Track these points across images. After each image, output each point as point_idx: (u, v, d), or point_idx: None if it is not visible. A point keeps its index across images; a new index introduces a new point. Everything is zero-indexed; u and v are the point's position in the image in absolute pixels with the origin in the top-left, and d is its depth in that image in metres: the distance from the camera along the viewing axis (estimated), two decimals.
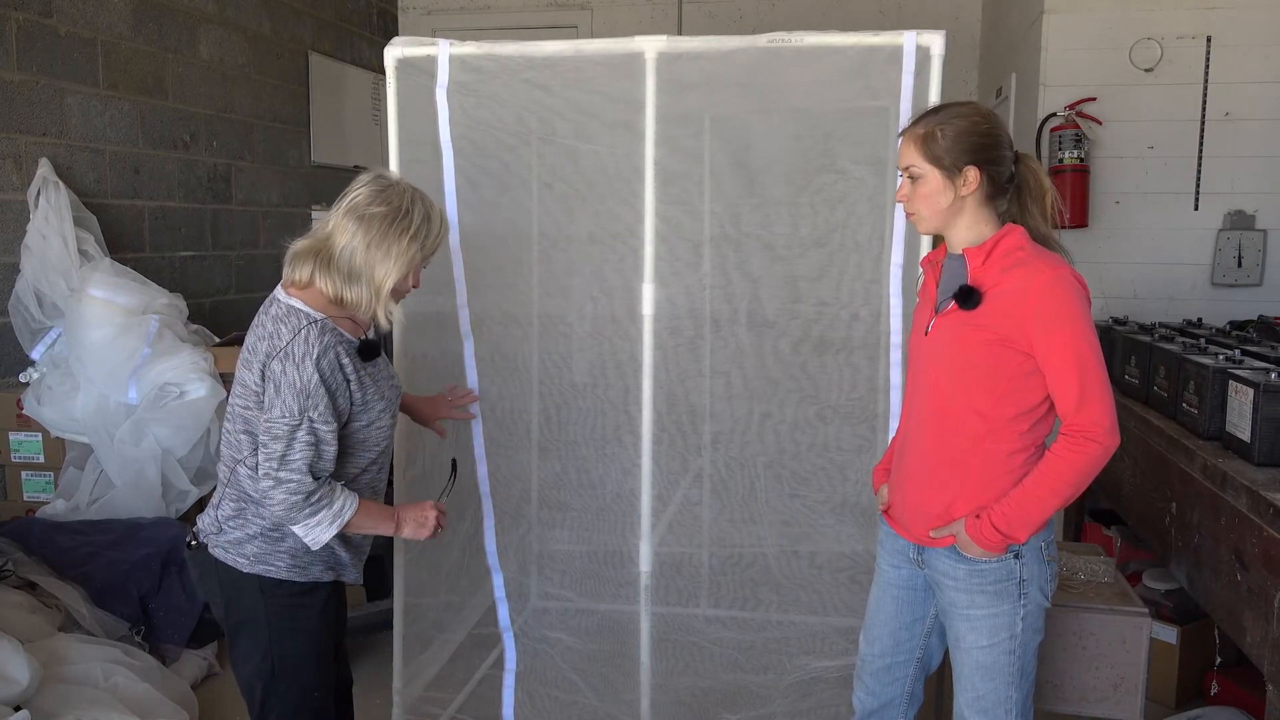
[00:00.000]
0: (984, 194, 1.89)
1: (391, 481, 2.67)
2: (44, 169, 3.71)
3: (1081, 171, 4.20)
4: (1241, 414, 2.44)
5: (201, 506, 2.95)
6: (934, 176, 1.89)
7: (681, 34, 4.45)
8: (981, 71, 5.89)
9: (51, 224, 3.63)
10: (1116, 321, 3.68)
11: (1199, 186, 4.24)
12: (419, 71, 2.51)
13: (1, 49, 3.55)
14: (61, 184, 3.70)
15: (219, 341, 3.89)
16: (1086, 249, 4.23)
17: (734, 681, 2.87)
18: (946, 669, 2.14)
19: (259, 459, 1.90)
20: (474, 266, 2.61)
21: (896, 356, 2.39)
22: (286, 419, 1.87)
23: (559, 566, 3.22)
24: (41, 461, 3.61)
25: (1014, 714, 1.97)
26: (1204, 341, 3.05)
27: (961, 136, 1.86)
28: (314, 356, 1.87)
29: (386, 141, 2.55)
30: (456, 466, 2.43)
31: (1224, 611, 2.35)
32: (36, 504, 3.58)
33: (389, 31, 6.31)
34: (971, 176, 1.87)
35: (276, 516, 1.93)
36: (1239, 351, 2.77)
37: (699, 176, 3.13)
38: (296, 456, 1.87)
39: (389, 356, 2.52)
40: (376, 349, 2.03)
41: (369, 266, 1.93)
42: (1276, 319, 3.63)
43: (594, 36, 4.06)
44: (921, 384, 1.99)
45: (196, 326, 3.96)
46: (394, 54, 2.49)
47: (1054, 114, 4.29)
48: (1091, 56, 4.26)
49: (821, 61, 2.36)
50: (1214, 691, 3.01)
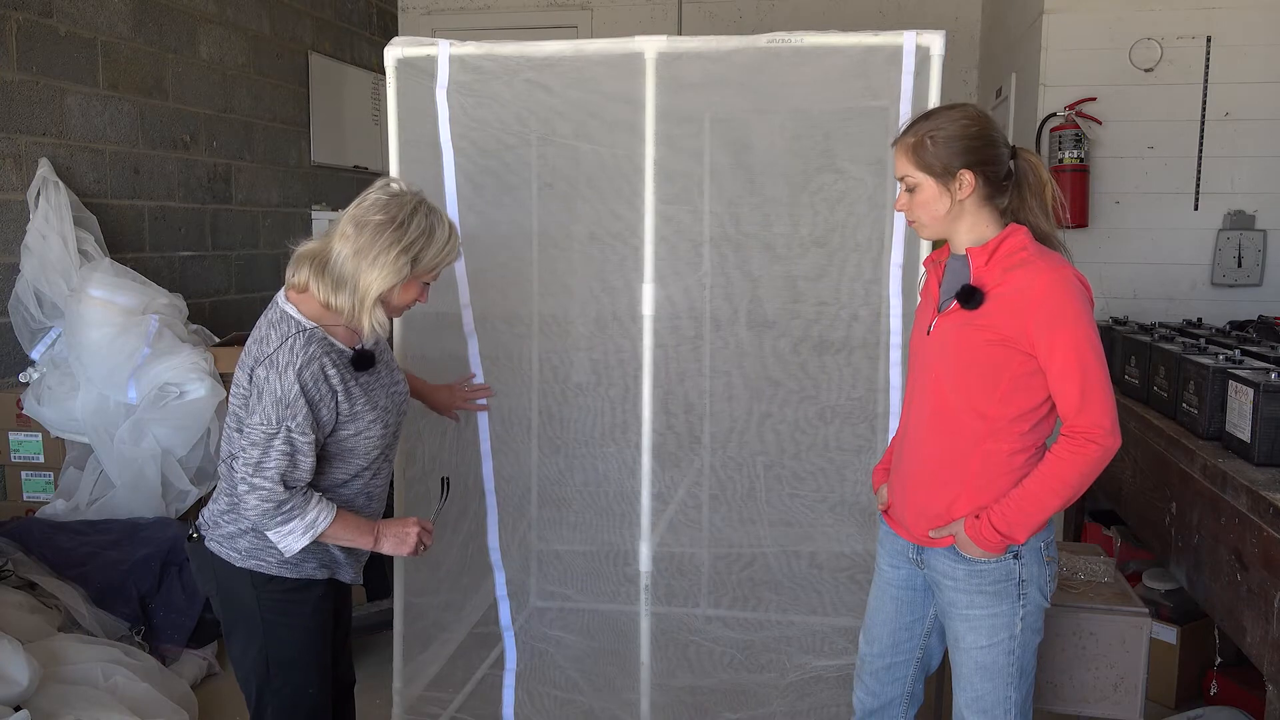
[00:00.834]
0: (982, 194, 1.89)
1: (392, 483, 2.68)
2: (44, 169, 3.71)
3: (1081, 171, 4.20)
4: (1241, 414, 2.44)
5: (202, 506, 2.95)
6: (929, 184, 1.89)
7: (681, 34, 4.45)
8: (981, 71, 5.89)
9: (51, 224, 3.63)
10: (1116, 321, 3.68)
11: (1199, 186, 4.24)
12: (419, 71, 2.51)
13: (1, 49, 3.55)
14: (61, 184, 3.70)
15: (219, 341, 3.89)
16: (1086, 249, 4.23)
17: (734, 681, 2.87)
18: (946, 669, 2.15)
19: (239, 463, 1.91)
20: (475, 266, 2.61)
21: (896, 356, 2.39)
22: (264, 426, 1.87)
23: (559, 565, 3.22)
24: (41, 461, 3.61)
25: (1013, 714, 1.97)
26: (1204, 341, 3.05)
27: (952, 141, 1.86)
28: (296, 367, 1.87)
29: (386, 142, 2.55)
30: (449, 485, 2.43)
31: (1224, 611, 2.35)
32: (36, 504, 3.59)
33: (389, 31, 6.31)
34: (967, 180, 1.87)
35: (250, 521, 1.95)
36: (1239, 351, 2.77)
37: (699, 176, 3.13)
38: (271, 465, 1.88)
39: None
40: (371, 359, 2.01)
41: (355, 274, 1.91)
42: (1276, 319, 3.63)
43: (594, 36, 4.07)
44: (923, 383, 1.99)
45: (196, 326, 3.96)
46: (394, 54, 2.49)
47: (1054, 114, 4.29)
48: (1091, 56, 4.27)
49: (821, 61, 2.36)
50: (1214, 691, 3.01)
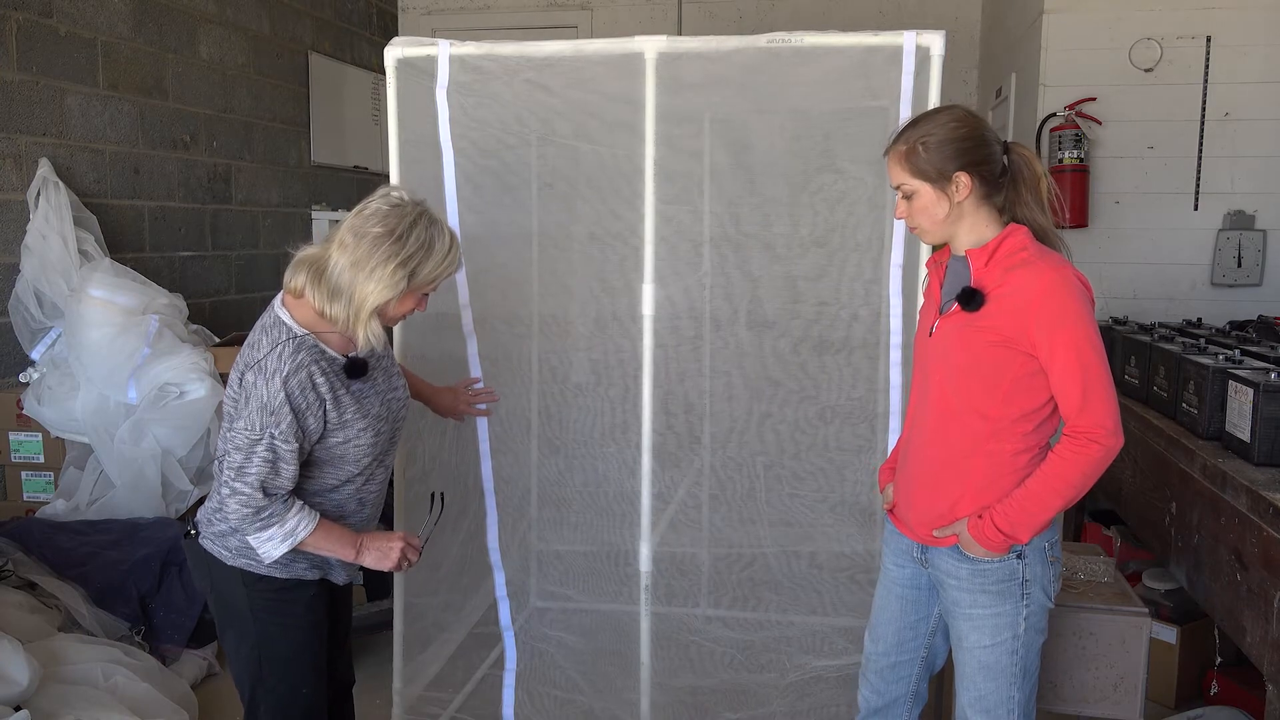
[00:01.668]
0: (980, 194, 1.89)
1: (392, 482, 2.68)
2: (44, 169, 3.71)
3: (1081, 171, 4.21)
4: (1241, 414, 2.44)
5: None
6: (925, 191, 1.89)
7: (681, 34, 4.45)
8: (981, 71, 5.89)
9: (51, 224, 3.63)
10: (1116, 321, 3.68)
11: (1199, 186, 4.25)
12: (419, 72, 2.51)
13: (1, 49, 3.55)
14: (61, 184, 3.70)
15: (219, 341, 3.89)
16: (1086, 249, 4.23)
17: (734, 681, 2.87)
18: (947, 668, 2.15)
19: (222, 465, 1.91)
20: (475, 266, 2.60)
21: (896, 356, 2.39)
22: (248, 432, 1.87)
23: (559, 565, 3.22)
24: (41, 461, 3.61)
25: (1016, 714, 1.97)
26: (1204, 341, 3.05)
27: (943, 145, 1.86)
28: (283, 374, 1.86)
29: (387, 142, 2.55)
30: (442, 500, 2.40)
31: (1224, 611, 2.35)
32: (36, 504, 3.58)
33: (389, 31, 6.31)
34: (963, 182, 1.86)
35: (231, 527, 1.95)
36: (1239, 351, 2.77)
37: (699, 176, 3.13)
38: (252, 471, 1.87)
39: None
40: (364, 367, 2.00)
41: (352, 285, 1.89)
42: (1276, 319, 3.63)
43: (594, 36, 4.07)
44: (926, 385, 1.99)
45: (196, 327, 3.96)
46: (394, 54, 2.49)
47: (1054, 114, 4.29)
48: (1091, 56, 4.27)
49: (821, 62, 2.36)
50: (1214, 691, 3.01)
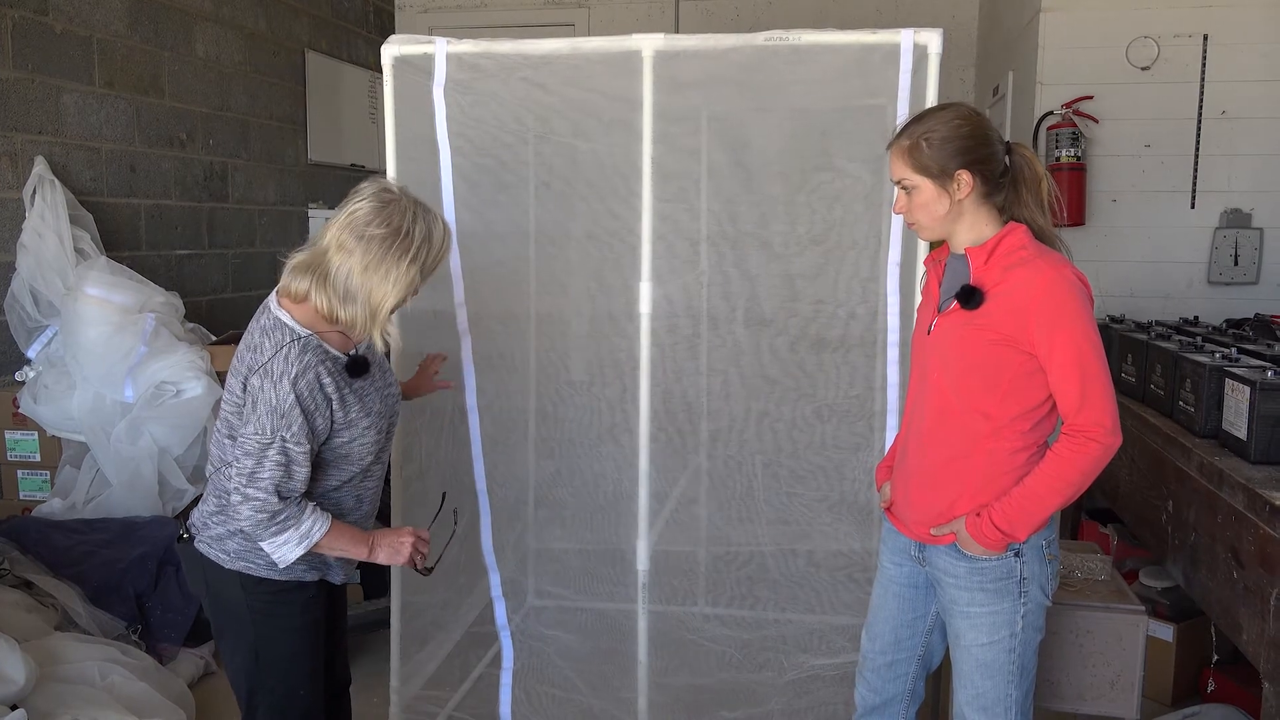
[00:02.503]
0: (980, 193, 1.89)
1: (389, 481, 2.68)
2: (40, 167, 3.70)
3: (1078, 170, 4.21)
4: (1238, 412, 2.45)
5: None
6: (927, 186, 1.88)
7: (678, 32, 4.45)
8: (978, 70, 5.89)
9: (47, 222, 3.62)
10: (1113, 320, 3.68)
11: (1195, 185, 4.25)
12: (416, 70, 2.50)
13: None
14: (57, 182, 3.69)
15: (215, 340, 3.88)
16: (1083, 247, 4.23)
17: (731, 679, 2.87)
18: (945, 667, 2.15)
19: (233, 472, 1.89)
20: (471, 264, 2.60)
21: (894, 354, 2.39)
22: (259, 436, 1.85)
23: (557, 564, 3.22)
24: (37, 460, 3.61)
25: (1014, 712, 1.97)
26: (1200, 340, 3.06)
27: (947, 142, 1.86)
28: (292, 376, 1.85)
29: (383, 140, 2.54)
30: (445, 498, 2.41)
31: (1220, 609, 2.35)
32: (33, 503, 3.58)
33: (385, 30, 6.29)
34: (964, 180, 1.86)
35: (244, 531, 1.93)
36: (1235, 350, 2.77)
37: (696, 175, 3.13)
38: (265, 475, 1.86)
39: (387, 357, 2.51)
40: (366, 365, 1.99)
41: (365, 289, 1.88)
42: (1273, 317, 3.64)
43: (591, 34, 4.06)
44: (924, 383, 1.99)
45: (193, 325, 3.95)
46: (391, 52, 2.48)
47: (1051, 112, 4.29)
48: (1088, 55, 4.27)
49: (818, 60, 2.36)
50: (1210, 689, 3.01)
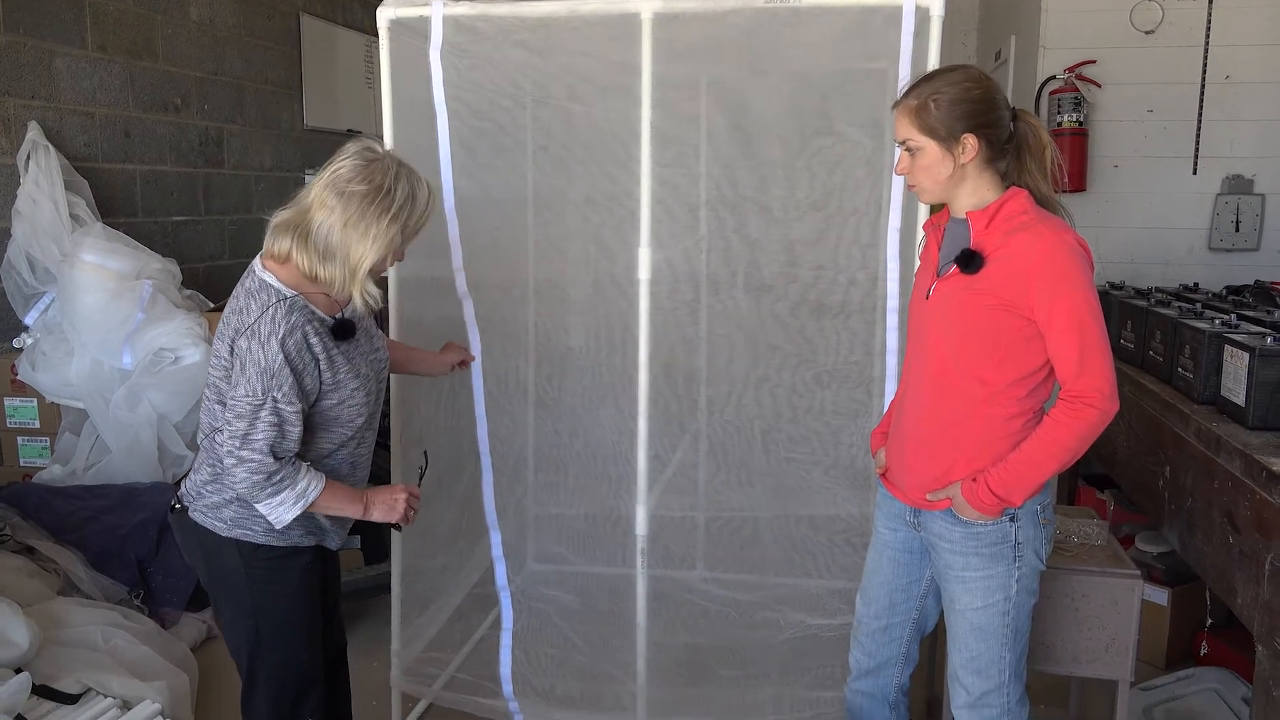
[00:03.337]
0: (984, 158, 1.87)
1: (389, 446, 2.69)
2: (33, 132, 3.67)
3: (1080, 135, 4.18)
4: (1237, 378, 2.45)
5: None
6: (932, 148, 1.86)
7: None
8: (981, 34, 5.83)
9: (42, 188, 3.60)
10: (1113, 286, 3.68)
11: (1198, 150, 4.22)
12: (412, 33, 2.47)
13: None
14: (51, 147, 3.67)
15: (213, 307, 3.87)
16: (1084, 213, 4.21)
17: (728, 641, 2.89)
18: (939, 630, 2.16)
19: (224, 436, 1.89)
20: (469, 230, 2.59)
21: (893, 320, 2.39)
22: (250, 398, 1.85)
23: (556, 529, 3.23)
24: (37, 427, 3.61)
25: (1008, 674, 1.99)
26: (1200, 306, 3.05)
27: (955, 104, 1.83)
28: (279, 336, 1.84)
29: (379, 105, 2.52)
30: (428, 458, 2.43)
31: (1215, 574, 2.37)
32: (33, 469, 3.59)
33: None
34: (970, 144, 1.85)
35: (239, 494, 1.93)
36: (1235, 316, 2.77)
37: (695, 139, 3.10)
38: (259, 436, 1.86)
39: (384, 325, 2.51)
40: (352, 328, 1.98)
41: (345, 246, 1.87)
42: (1273, 284, 3.63)
43: None
44: (921, 348, 1.98)
45: (190, 292, 3.94)
46: (386, 15, 2.46)
47: (1053, 77, 4.25)
48: (1092, 19, 4.22)
49: (819, 22, 2.33)
50: (1204, 652, 3.04)
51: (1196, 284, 3.72)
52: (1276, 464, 2.10)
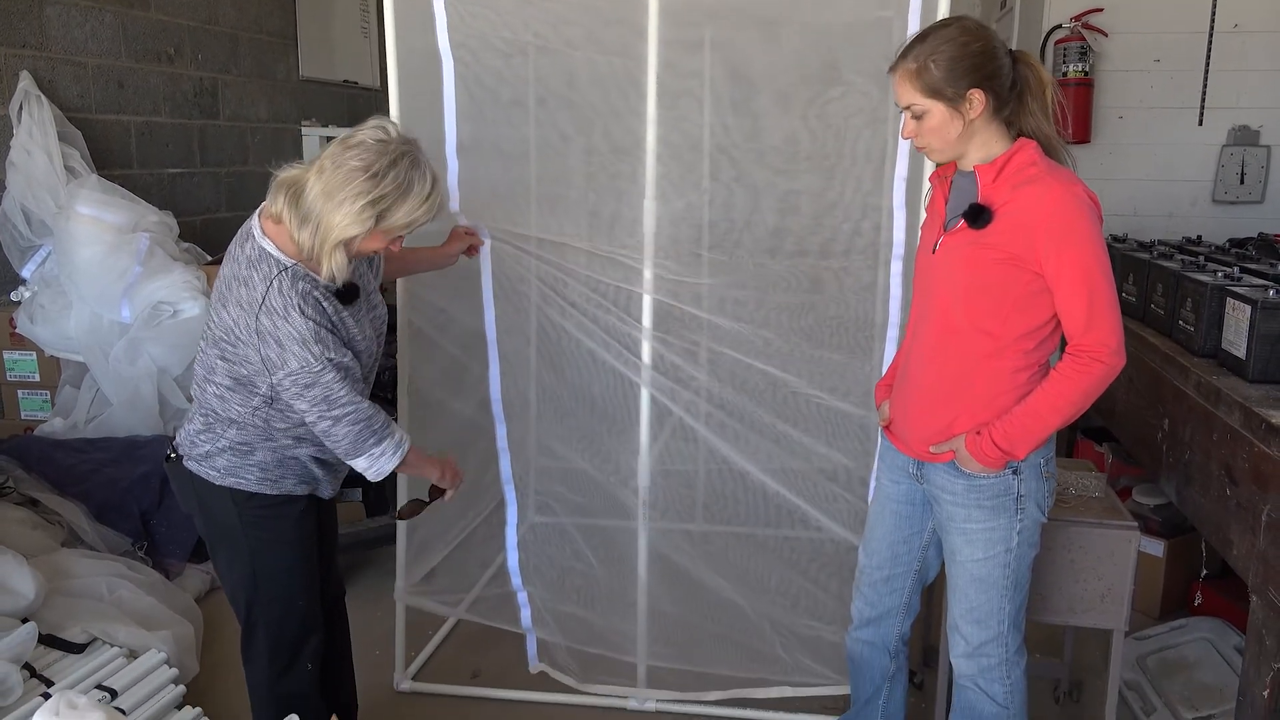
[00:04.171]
0: (991, 110, 1.84)
1: (394, 403, 2.71)
2: (25, 82, 3.62)
3: (1085, 85, 4.13)
4: (1238, 331, 2.45)
5: None
6: (938, 109, 1.83)
7: None
8: None
9: (36, 139, 3.56)
10: (1116, 239, 3.66)
11: (1204, 101, 4.18)
12: None
13: None
14: (44, 98, 3.62)
15: (210, 260, 3.85)
16: (1088, 164, 4.18)
17: (730, 592, 2.91)
18: (939, 580, 2.19)
19: (309, 417, 1.90)
20: (470, 180, 2.57)
21: (897, 268, 2.39)
22: (306, 368, 1.86)
23: (558, 483, 3.24)
24: (37, 380, 3.61)
25: (1006, 625, 2.02)
26: (1203, 259, 3.04)
27: (956, 61, 1.80)
28: (296, 306, 1.85)
29: (376, 55, 2.49)
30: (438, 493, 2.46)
31: (1211, 525, 2.39)
32: (34, 422, 3.59)
33: None
34: (977, 99, 1.81)
35: (343, 453, 1.95)
36: (1238, 269, 2.76)
37: (700, 90, 3.06)
38: (339, 392, 1.88)
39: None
40: (356, 291, 1.99)
41: (320, 214, 1.84)
42: (1276, 236, 3.62)
43: None
44: (928, 302, 1.97)
45: (188, 245, 3.92)
46: None
47: (1060, 25, 4.19)
48: None
49: None
50: (1198, 602, 3.08)
51: (1199, 236, 3.70)
52: (1275, 416, 2.11)
